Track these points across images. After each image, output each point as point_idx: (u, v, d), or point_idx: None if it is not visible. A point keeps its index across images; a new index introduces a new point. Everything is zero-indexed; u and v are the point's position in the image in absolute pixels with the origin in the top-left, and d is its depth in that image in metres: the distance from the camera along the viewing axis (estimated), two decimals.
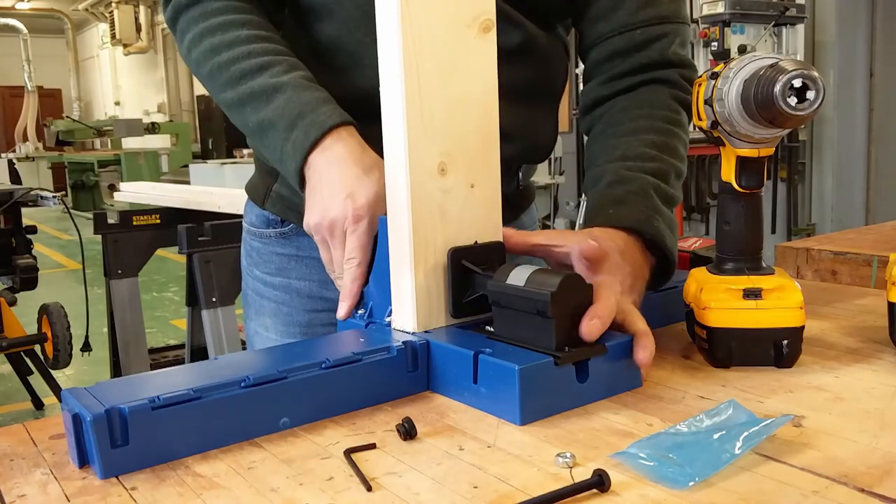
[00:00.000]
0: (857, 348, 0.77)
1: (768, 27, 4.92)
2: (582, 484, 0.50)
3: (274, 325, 1.05)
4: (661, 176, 0.86)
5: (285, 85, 0.84)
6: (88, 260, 3.43)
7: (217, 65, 0.88)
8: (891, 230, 1.50)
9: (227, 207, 3.11)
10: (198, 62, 0.90)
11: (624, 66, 0.95)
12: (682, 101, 0.95)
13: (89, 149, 15.17)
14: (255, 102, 0.85)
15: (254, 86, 0.85)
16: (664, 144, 0.89)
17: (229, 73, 0.87)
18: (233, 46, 0.87)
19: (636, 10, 0.93)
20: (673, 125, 0.92)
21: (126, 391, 0.58)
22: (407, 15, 0.67)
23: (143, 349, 3.23)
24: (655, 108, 0.92)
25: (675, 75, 0.95)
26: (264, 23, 0.91)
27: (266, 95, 0.84)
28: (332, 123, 0.81)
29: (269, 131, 0.84)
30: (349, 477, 0.54)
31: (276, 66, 0.86)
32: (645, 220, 0.80)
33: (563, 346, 0.64)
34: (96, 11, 15.90)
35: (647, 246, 0.81)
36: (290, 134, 0.82)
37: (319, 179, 0.80)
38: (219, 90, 0.89)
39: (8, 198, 3.36)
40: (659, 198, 0.84)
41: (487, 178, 0.74)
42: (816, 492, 0.49)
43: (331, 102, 0.84)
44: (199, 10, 0.91)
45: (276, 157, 0.84)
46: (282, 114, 0.83)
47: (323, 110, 0.82)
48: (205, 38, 0.89)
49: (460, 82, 0.71)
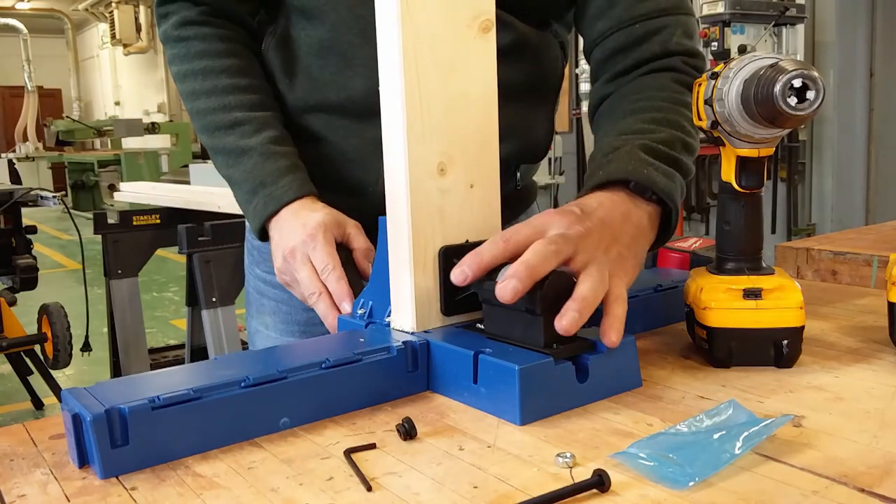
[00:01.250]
0: (857, 348, 0.77)
1: (768, 27, 4.92)
2: (582, 484, 0.50)
3: (274, 323, 1.06)
4: (661, 142, 0.82)
5: (252, 150, 0.91)
6: (88, 260, 3.43)
7: (196, 110, 0.95)
8: (891, 230, 1.50)
9: (227, 207, 3.10)
10: (183, 96, 0.98)
11: (626, 62, 0.93)
12: (687, 83, 0.91)
13: (89, 149, 15.17)
14: (225, 158, 0.93)
15: (226, 143, 0.93)
16: (664, 119, 0.86)
17: (205, 121, 0.94)
18: (210, 95, 0.94)
19: (633, 5, 0.92)
20: (674, 103, 0.89)
21: (126, 391, 0.58)
22: (407, 15, 0.68)
23: (143, 349, 3.23)
24: (657, 90, 0.90)
25: (679, 62, 0.93)
26: (245, 64, 0.96)
27: (234, 155, 0.92)
28: (288, 199, 0.88)
29: (236, 189, 0.93)
30: (349, 477, 0.54)
31: (248, 124, 0.92)
32: (632, 169, 0.77)
33: (551, 342, 0.64)
34: (96, 11, 15.90)
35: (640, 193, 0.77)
36: (252, 198, 0.90)
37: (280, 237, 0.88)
38: (198, 130, 0.97)
39: (8, 198, 3.36)
40: (652, 155, 0.80)
41: (486, 178, 0.74)
42: (816, 492, 0.49)
43: (291, 172, 0.90)
44: (184, 49, 0.96)
45: (242, 210, 0.94)
46: (246, 178, 0.91)
47: (282, 183, 0.89)
48: (187, 79, 0.96)
49: (460, 82, 0.71)
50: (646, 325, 0.86)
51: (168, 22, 0.98)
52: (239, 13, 0.99)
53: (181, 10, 0.97)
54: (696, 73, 0.93)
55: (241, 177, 0.92)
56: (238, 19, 0.99)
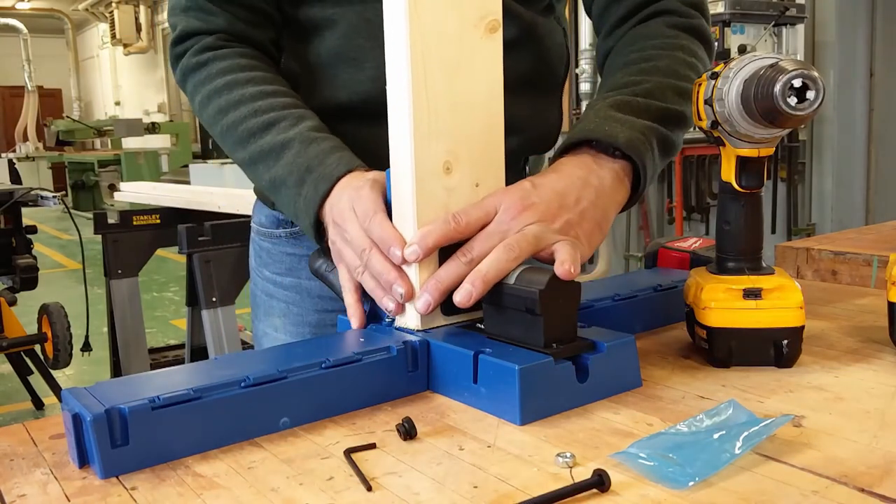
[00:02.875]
0: (857, 348, 0.77)
1: (768, 27, 4.92)
2: (582, 484, 0.50)
3: (284, 325, 1.05)
4: (642, 93, 0.81)
5: (292, 140, 0.84)
6: (88, 260, 3.43)
7: (226, 125, 0.88)
8: (891, 230, 1.50)
9: (227, 207, 3.11)
10: (209, 123, 0.91)
11: (620, 10, 0.93)
12: (682, 25, 0.90)
13: (89, 149, 15.17)
14: (266, 161, 0.85)
15: (262, 145, 0.85)
16: (653, 68, 0.85)
17: (238, 133, 0.87)
18: (239, 106, 0.88)
19: None
20: (667, 49, 0.87)
21: (126, 391, 0.58)
22: (414, 15, 0.68)
23: (143, 349, 3.23)
24: (648, 38, 0.89)
25: (674, 4, 0.91)
26: (270, 76, 0.92)
27: (275, 153, 0.84)
28: (340, 173, 0.79)
29: (282, 189, 0.84)
30: (349, 477, 0.54)
31: (283, 121, 0.86)
32: (593, 128, 0.77)
33: (551, 342, 0.64)
34: (96, 11, 15.89)
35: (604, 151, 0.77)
36: (300, 190, 0.81)
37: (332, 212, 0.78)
38: (231, 150, 0.90)
39: (8, 198, 3.36)
40: (625, 110, 0.79)
41: (492, 178, 0.74)
42: (816, 492, 0.49)
43: (338, 151, 0.83)
44: (206, 72, 0.92)
45: (291, 213, 0.84)
46: (291, 170, 0.83)
47: (329, 161, 0.81)
48: (212, 99, 0.90)
49: (466, 82, 0.71)
50: (646, 325, 0.86)
51: (184, 57, 0.94)
52: (259, 39, 0.95)
53: (196, 42, 0.94)
54: (692, 11, 0.92)
55: (285, 172, 0.83)
56: (258, 45, 0.95)
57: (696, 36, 0.92)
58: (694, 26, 0.92)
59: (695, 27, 0.92)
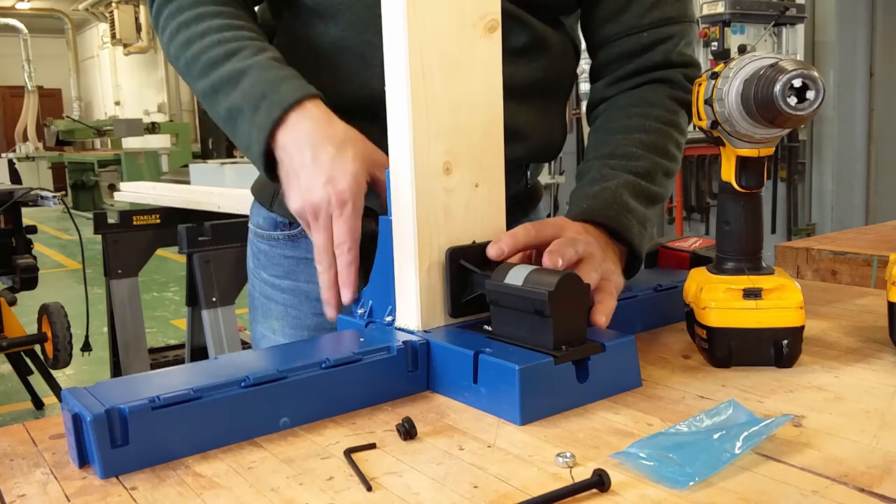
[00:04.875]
0: (857, 348, 0.77)
1: (768, 27, 4.92)
2: (582, 484, 0.50)
3: (282, 328, 1.05)
4: (643, 175, 0.88)
5: (251, 67, 0.83)
6: (88, 260, 3.43)
7: (191, 55, 0.87)
8: (891, 230, 1.50)
9: (227, 207, 3.11)
10: (175, 56, 0.91)
11: (630, 67, 0.96)
12: (681, 100, 0.96)
13: (89, 149, 15.18)
14: (224, 89, 0.84)
15: (222, 73, 0.84)
16: (653, 144, 0.90)
17: (201, 62, 0.86)
18: (204, 36, 0.87)
19: (643, 13, 0.94)
20: (666, 125, 0.93)
21: (126, 391, 0.58)
22: (413, 14, 0.68)
23: (143, 349, 3.23)
24: (651, 106, 0.94)
25: (678, 75, 0.96)
26: (238, 12, 0.92)
27: (233, 81, 0.83)
28: (293, 99, 0.78)
29: (238, 118, 0.82)
30: (349, 477, 0.54)
31: (245, 50, 0.85)
32: (613, 215, 0.82)
33: (560, 344, 0.64)
34: (96, 11, 15.89)
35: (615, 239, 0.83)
36: (254, 116, 0.80)
37: (291, 161, 0.78)
38: (194, 81, 0.88)
39: (8, 197, 3.35)
40: (635, 195, 0.86)
41: (492, 178, 0.74)
42: (816, 492, 0.49)
43: (295, 79, 0.82)
44: (176, 4, 0.91)
45: (245, 143, 0.82)
46: (247, 96, 0.81)
47: (285, 87, 0.80)
48: (180, 31, 0.90)
49: (465, 82, 0.71)
50: (646, 325, 0.86)
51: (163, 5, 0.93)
52: None
53: None
54: (689, 87, 0.97)
55: (242, 99, 0.81)
56: None
57: (689, 111, 0.96)
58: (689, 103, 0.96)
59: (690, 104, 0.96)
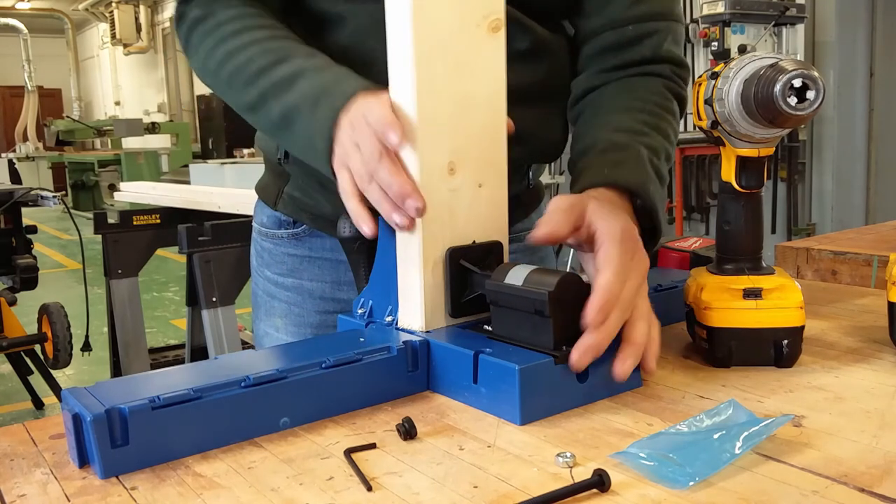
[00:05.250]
0: (857, 348, 0.77)
1: (768, 27, 4.92)
2: (582, 484, 0.50)
3: (285, 325, 1.05)
4: (653, 151, 0.85)
5: (306, 70, 0.81)
6: (88, 260, 3.43)
7: (235, 67, 0.86)
8: (891, 230, 1.50)
9: (227, 207, 3.11)
10: (215, 71, 0.89)
11: (615, 60, 0.94)
12: (675, 92, 0.94)
13: (89, 149, 15.18)
14: (277, 93, 0.82)
15: (273, 78, 0.82)
16: (656, 125, 0.88)
17: (247, 72, 0.85)
18: (249, 47, 0.86)
19: (628, 6, 0.93)
20: (664, 110, 0.91)
21: (126, 391, 0.58)
22: (418, 14, 0.68)
23: (143, 349, 3.23)
24: (649, 93, 0.92)
25: (668, 70, 0.95)
26: (278, 24, 0.90)
27: (287, 83, 0.81)
28: (356, 90, 0.76)
29: (295, 118, 0.80)
30: (349, 477, 0.54)
31: (295, 56, 0.84)
32: (641, 183, 0.79)
33: (560, 344, 0.64)
34: (96, 11, 15.90)
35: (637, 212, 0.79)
36: (314, 113, 0.78)
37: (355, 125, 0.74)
38: (239, 92, 0.87)
39: (8, 197, 3.35)
40: (653, 169, 0.83)
41: (495, 178, 0.74)
42: (816, 492, 0.49)
43: (355, 77, 0.80)
44: (213, 21, 0.90)
45: (307, 143, 0.80)
46: (305, 96, 0.79)
47: (346, 83, 0.78)
48: (220, 45, 0.88)
49: (469, 82, 0.71)
50: None
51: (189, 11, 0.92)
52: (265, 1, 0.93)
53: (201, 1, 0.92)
54: (682, 83, 0.96)
55: (298, 98, 0.79)
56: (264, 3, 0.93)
57: (681, 105, 0.96)
58: (683, 98, 0.97)
59: (683, 98, 0.97)
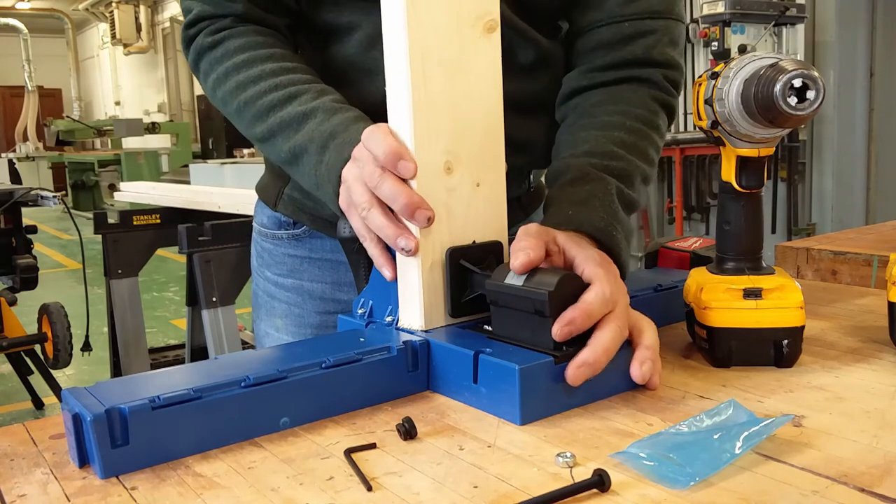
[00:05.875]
0: (857, 348, 0.77)
1: (768, 27, 4.92)
2: (582, 484, 0.50)
3: (285, 326, 1.05)
4: (625, 178, 0.83)
5: (315, 110, 0.83)
6: (88, 260, 3.43)
7: (244, 101, 0.87)
8: (891, 230, 1.50)
9: (227, 207, 3.11)
10: (224, 101, 0.90)
11: (607, 58, 0.92)
12: (663, 101, 0.92)
13: (89, 149, 15.19)
14: (286, 131, 0.84)
15: (283, 116, 0.84)
16: (633, 145, 0.86)
17: (257, 107, 0.86)
18: (258, 81, 0.86)
19: (627, 2, 0.91)
20: (647, 126, 0.89)
21: (126, 391, 0.58)
22: (412, 15, 0.68)
23: (143, 349, 3.23)
24: (632, 105, 0.90)
25: (658, 76, 0.92)
26: (288, 54, 0.90)
27: (296, 123, 0.83)
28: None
29: (302, 157, 0.82)
30: (349, 477, 0.54)
31: (305, 94, 0.85)
32: (604, 227, 0.77)
33: (560, 344, 0.64)
34: (96, 11, 15.90)
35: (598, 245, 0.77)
36: (322, 156, 0.80)
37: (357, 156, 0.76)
38: (248, 125, 0.88)
39: (8, 197, 3.36)
40: (621, 203, 0.81)
41: (492, 177, 0.74)
42: (816, 491, 0.49)
43: (362, 121, 0.81)
44: (222, 49, 0.90)
45: (312, 182, 0.82)
46: (312, 137, 0.81)
47: (354, 128, 0.79)
48: (230, 76, 0.89)
49: (465, 81, 0.71)
50: None
51: (198, 37, 0.92)
52: (274, 23, 0.94)
53: (210, 24, 0.92)
54: (672, 89, 0.94)
55: (306, 139, 0.81)
56: (274, 27, 0.94)
57: (668, 115, 0.94)
58: (671, 106, 0.94)
59: (671, 107, 0.94)
